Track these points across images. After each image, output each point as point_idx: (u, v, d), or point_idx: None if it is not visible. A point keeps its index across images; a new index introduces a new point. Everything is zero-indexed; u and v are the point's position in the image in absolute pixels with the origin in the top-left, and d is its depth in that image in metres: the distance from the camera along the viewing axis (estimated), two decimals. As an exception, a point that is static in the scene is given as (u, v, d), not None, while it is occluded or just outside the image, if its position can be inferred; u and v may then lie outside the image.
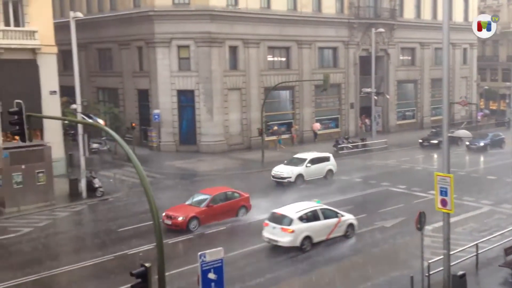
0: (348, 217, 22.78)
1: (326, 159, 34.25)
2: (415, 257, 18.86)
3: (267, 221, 21.50)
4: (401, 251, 21.58)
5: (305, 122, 48.79)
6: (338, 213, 22.48)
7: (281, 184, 32.17)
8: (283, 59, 47.54)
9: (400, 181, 33.35)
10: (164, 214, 23.32)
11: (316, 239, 21.27)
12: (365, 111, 52.80)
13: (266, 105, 41.44)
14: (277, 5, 45.56)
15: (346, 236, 22.38)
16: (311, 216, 21.47)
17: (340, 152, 42.98)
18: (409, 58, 58.73)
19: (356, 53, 52.01)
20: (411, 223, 20.28)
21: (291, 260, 20.40)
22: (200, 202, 24.52)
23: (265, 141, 40.87)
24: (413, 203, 28.01)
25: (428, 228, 21.46)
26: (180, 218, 23.28)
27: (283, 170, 32.55)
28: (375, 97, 48.05)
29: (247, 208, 25.74)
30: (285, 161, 33.97)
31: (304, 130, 48.78)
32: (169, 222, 23.39)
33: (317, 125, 49.54)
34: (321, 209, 22.14)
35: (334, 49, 50.98)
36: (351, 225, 22.62)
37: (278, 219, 21.17)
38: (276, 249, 21.16)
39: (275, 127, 46.20)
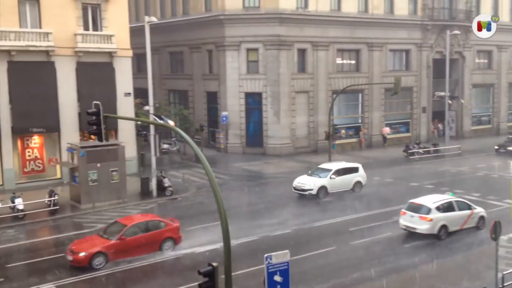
0: (480, 210, 24.10)
1: (354, 170, 31.28)
2: (489, 268, 18.05)
3: (404, 210, 23.13)
4: (474, 261, 20.66)
5: (374, 126, 47.88)
6: (471, 205, 23.87)
7: (303, 196, 29.78)
8: (353, 61, 46.92)
9: (474, 188, 31.96)
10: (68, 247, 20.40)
11: (451, 228, 22.78)
12: (438, 116, 51.07)
13: (334, 108, 41.01)
14: (347, 7, 45.03)
15: (477, 227, 23.66)
16: (447, 207, 22.99)
17: (410, 157, 41.84)
18: (486, 61, 56.28)
19: (429, 56, 50.47)
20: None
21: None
22: (113, 233, 20.78)
23: (332, 144, 40.44)
24: (488, 212, 26.76)
25: (503, 238, 20.53)
26: (81, 254, 19.64)
27: (305, 182, 29.95)
28: (449, 101, 46.36)
29: (175, 240, 21.57)
30: (309, 171, 31.58)
31: (373, 134, 47.87)
32: (70, 257, 19.88)
33: (387, 129, 48.46)
34: (456, 201, 23.64)
35: (407, 52, 49.71)
36: (482, 218, 23.88)
37: (416, 208, 22.82)
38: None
39: (343, 131, 45.69)
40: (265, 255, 12.99)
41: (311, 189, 29.42)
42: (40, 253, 21.71)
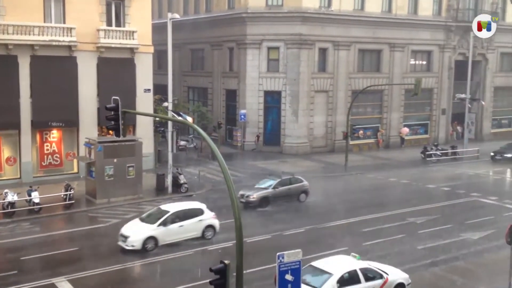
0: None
1: (198, 212, 22.82)
2: (504, 273, 17.85)
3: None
4: (489, 265, 20.45)
5: (392, 127, 47.56)
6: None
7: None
8: (374, 62, 46.63)
9: (492, 192, 31.64)
10: None
11: None
12: (458, 118, 50.51)
13: (353, 108, 40.85)
14: (371, 7, 44.76)
15: None
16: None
17: (428, 159, 41.50)
18: (510, 63, 55.39)
19: (451, 57, 49.90)
20: (501, 236, 19.23)
21: None
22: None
23: (349, 145, 40.36)
24: (504, 215, 26.51)
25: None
26: None
27: (129, 232, 21.43)
28: (469, 104, 45.80)
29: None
30: (143, 215, 23.25)
31: (391, 135, 47.54)
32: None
33: (405, 130, 48.10)
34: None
35: (429, 53, 49.22)
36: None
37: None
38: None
39: (361, 131, 45.49)
40: (277, 254, 13.05)
41: (133, 245, 21.04)
42: (55, 247, 21.94)
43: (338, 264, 16.72)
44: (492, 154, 42.57)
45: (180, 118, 28.83)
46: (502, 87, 54.77)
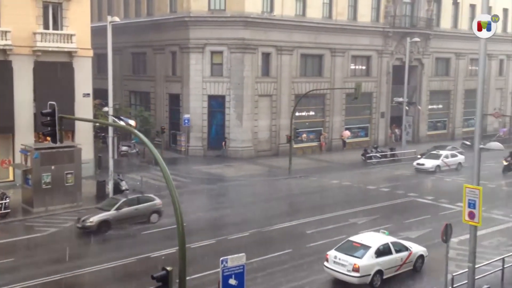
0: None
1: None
2: (439, 270, 18.58)
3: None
4: (426, 263, 21.18)
5: (334, 130, 48.56)
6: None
7: None
8: (316, 66, 47.48)
9: (428, 192, 32.89)
10: None
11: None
12: (396, 121, 52.24)
13: (296, 112, 41.38)
14: (312, 12, 45.57)
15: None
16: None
17: (368, 161, 42.67)
18: (444, 68, 57.86)
19: (389, 62, 51.55)
20: (437, 235, 19.99)
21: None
22: None
23: (293, 148, 40.90)
24: (440, 214, 27.61)
25: (454, 240, 21.23)
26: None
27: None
28: (407, 107, 47.48)
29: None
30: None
31: (333, 138, 48.54)
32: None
33: (347, 133, 49.25)
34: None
35: (368, 58, 50.65)
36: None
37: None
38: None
39: (304, 135, 46.20)
40: (221, 258, 13.01)
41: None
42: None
43: (374, 239, 19.79)
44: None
45: (121, 123, 28.22)
46: (437, 90, 57.07)
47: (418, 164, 40.62)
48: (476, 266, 16.79)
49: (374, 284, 18.68)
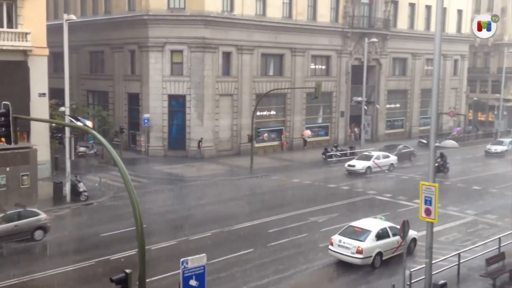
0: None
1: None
2: (396, 265, 18.97)
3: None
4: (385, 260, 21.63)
5: (295, 130, 48.93)
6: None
7: None
8: (276, 66, 47.71)
9: (386, 189, 33.56)
10: None
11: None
12: (355, 120, 53.07)
13: (258, 112, 41.48)
14: (272, 12, 45.75)
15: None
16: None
17: (328, 159, 43.20)
18: (401, 68, 59.16)
19: (348, 62, 52.29)
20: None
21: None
22: None
23: (255, 148, 41.01)
24: (398, 211, 28.20)
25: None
26: None
27: None
28: (365, 107, 48.31)
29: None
30: None
31: (294, 137, 48.91)
32: None
33: (307, 132, 49.71)
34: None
35: (327, 58, 51.23)
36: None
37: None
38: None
39: (265, 134, 46.38)
40: (181, 260, 12.93)
41: None
42: None
43: (373, 223, 21.64)
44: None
45: (78, 123, 27.69)
46: (394, 90, 58.29)
47: (349, 165, 39.26)
48: (433, 262, 17.19)
49: (375, 265, 20.41)
